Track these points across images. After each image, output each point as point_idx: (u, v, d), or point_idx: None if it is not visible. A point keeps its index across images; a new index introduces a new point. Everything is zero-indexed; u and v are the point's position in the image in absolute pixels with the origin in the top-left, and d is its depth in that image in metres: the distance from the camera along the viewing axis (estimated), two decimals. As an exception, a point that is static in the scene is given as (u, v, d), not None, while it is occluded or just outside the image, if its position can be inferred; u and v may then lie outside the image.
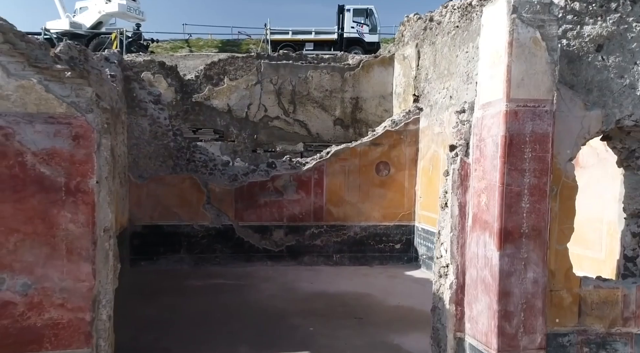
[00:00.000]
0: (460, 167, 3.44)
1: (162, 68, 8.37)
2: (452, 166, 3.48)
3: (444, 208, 3.61)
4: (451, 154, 3.51)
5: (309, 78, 8.90)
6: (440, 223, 3.66)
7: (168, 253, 7.39)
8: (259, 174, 7.60)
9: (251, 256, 7.61)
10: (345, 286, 6.75)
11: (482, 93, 3.35)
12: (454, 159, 3.47)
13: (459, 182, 3.43)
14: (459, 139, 3.46)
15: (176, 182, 7.35)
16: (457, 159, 3.44)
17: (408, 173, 7.89)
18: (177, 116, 8.47)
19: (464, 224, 3.44)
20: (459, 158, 3.44)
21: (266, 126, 8.84)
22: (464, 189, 3.44)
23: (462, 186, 3.43)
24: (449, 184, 3.48)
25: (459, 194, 3.44)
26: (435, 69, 7.39)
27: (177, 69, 8.51)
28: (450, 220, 3.46)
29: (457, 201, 3.43)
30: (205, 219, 7.46)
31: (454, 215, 3.44)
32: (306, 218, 7.69)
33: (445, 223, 3.53)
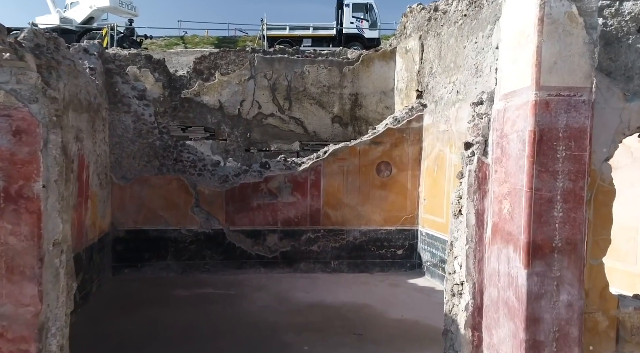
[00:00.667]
0: (477, 168, 2.93)
1: (149, 62, 7.86)
2: (467, 167, 2.97)
3: (458, 215, 3.10)
4: (466, 153, 3.00)
5: (305, 73, 8.39)
6: (453, 233, 3.15)
7: (153, 259, 6.88)
8: (252, 175, 7.10)
9: (243, 263, 7.11)
10: (343, 295, 6.25)
11: (503, 81, 2.85)
12: (469, 159, 2.96)
13: (476, 186, 2.92)
14: (475, 135, 2.96)
15: (162, 183, 6.85)
16: (474, 159, 2.94)
17: (411, 173, 7.39)
18: (165, 113, 7.96)
19: (481, 235, 2.93)
20: (475, 157, 2.93)
21: (260, 123, 8.34)
22: (481, 195, 2.93)
23: (479, 191, 2.93)
24: (464, 189, 2.98)
25: (476, 200, 2.93)
26: (441, 62, 6.89)
27: (165, 63, 8.00)
28: (465, 230, 2.95)
29: (473, 208, 2.93)
30: (194, 223, 6.95)
31: (470, 225, 2.93)
32: (302, 222, 7.19)
33: (460, 233, 3.03)
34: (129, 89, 6.69)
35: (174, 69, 9.41)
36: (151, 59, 7.90)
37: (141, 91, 6.78)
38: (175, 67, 10.34)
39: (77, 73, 5.13)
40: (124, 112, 6.68)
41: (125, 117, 6.68)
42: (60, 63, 4.70)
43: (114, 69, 6.62)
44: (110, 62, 6.63)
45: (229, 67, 8.13)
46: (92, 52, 6.23)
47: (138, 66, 7.80)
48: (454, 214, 3.13)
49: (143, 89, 6.82)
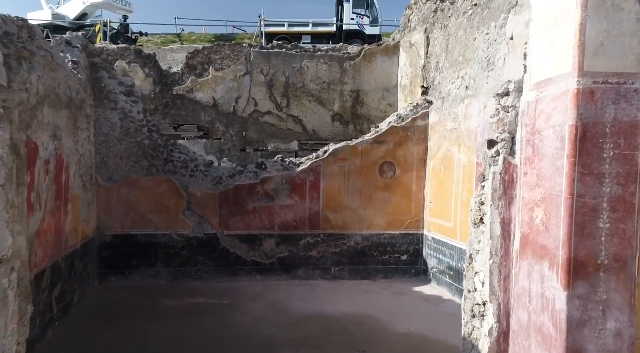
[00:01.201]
0: (503, 170, 2.51)
1: (139, 56, 7.43)
2: (491, 168, 2.55)
3: (479, 224, 2.68)
4: (489, 152, 2.58)
5: (304, 68, 7.97)
6: (473, 244, 2.73)
7: (142, 266, 6.46)
8: (247, 176, 6.67)
9: (238, 270, 6.69)
10: (344, 305, 5.83)
11: (535, 68, 2.43)
12: (493, 160, 2.54)
13: (502, 191, 2.50)
14: (500, 131, 2.54)
15: (151, 185, 6.43)
16: (499, 160, 2.52)
17: (416, 174, 6.97)
18: (156, 110, 7.54)
19: (508, 248, 2.51)
20: (500, 157, 2.51)
21: (256, 121, 7.91)
22: (507, 201, 2.52)
23: (505, 197, 2.51)
24: (487, 194, 2.56)
25: (501, 207, 2.51)
26: (448, 55, 6.47)
27: (155, 58, 7.57)
28: (488, 242, 2.53)
29: (498, 216, 2.51)
30: (185, 227, 6.53)
31: (495, 236, 2.51)
32: (300, 226, 6.77)
33: (482, 245, 2.61)
34: (116, 84, 6.27)
35: (168, 65, 8.97)
36: (141, 53, 7.48)
37: (129, 87, 6.36)
38: (170, 63, 9.91)
39: (55, 66, 4.70)
40: (111, 109, 6.25)
41: (112, 114, 6.26)
42: (34, 54, 4.28)
43: (100, 63, 6.19)
44: (96, 55, 6.21)
45: (223, 62, 7.70)
46: (75, 45, 5.81)
47: (127, 60, 7.37)
48: (473, 223, 2.71)
49: (131, 84, 6.39)
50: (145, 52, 7.53)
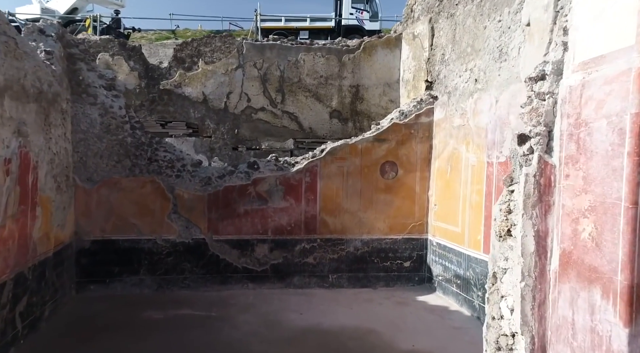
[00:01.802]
0: (538, 171, 2.04)
1: (123, 49, 6.93)
2: (522, 169, 2.08)
3: (505, 237, 2.21)
4: (520, 149, 2.11)
5: (300, 62, 7.48)
6: (498, 261, 2.26)
7: (124, 274, 5.97)
8: (238, 176, 6.19)
9: (228, 278, 6.20)
10: (343, 317, 5.35)
11: (581, 44, 1.95)
12: (525, 159, 2.07)
13: (536, 197, 2.03)
14: (534, 124, 2.07)
15: (134, 186, 5.94)
16: (532, 159, 2.05)
17: (419, 175, 6.50)
18: (142, 106, 7.05)
19: (544, 267, 2.04)
20: (535, 156, 2.04)
21: (249, 118, 7.43)
22: (543, 209, 2.04)
23: (540, 204, 2.04)
24: (517, 200, 2.08)
25: (536, 218, 2.04)
26: (455, 47, 5.99)
27: (141, 50, 7.08)
28: (519, 260, 2.05)
29: (532, 228, 2.03)
30: (171, 232, 6.05)
31: (527, 252, 2.04)
32: (296, 231, 6.30)
33: (510, 263, 2.13)
34: (96, 77, 5.78)
35: (160, 60, 8.50)
36: (125, 45, 6.98)
37: (110, 80, 5.87)
38: (162, 58, 9.43)
39: (20, 54, 4.22)
40: (90, 104, 5.77)
41: (91, 109, 5.77)
42: (-7, 39, 3.80)
43: (78, 54, 5.70)
44: (73, 46, 5.72)
45: (214, 55, 7.21)
46: (50, 34, 5.32)
47: (110, 53, 6.87)
48: (498, 235, 2.23)
49: (112, 77, 5.91)
50: (130, 44, 7.04)
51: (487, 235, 5.10)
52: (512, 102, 4.72)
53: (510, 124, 4.73)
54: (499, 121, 4.93)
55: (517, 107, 4.68)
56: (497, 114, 4.98)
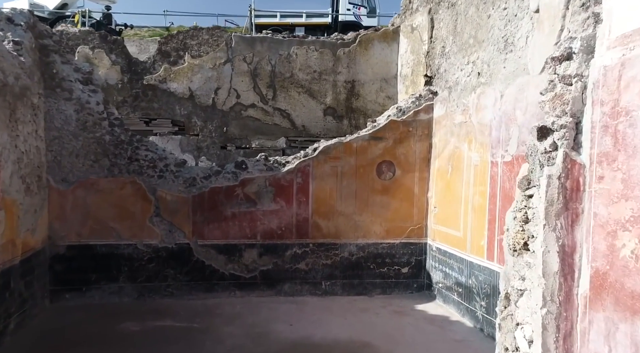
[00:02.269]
0: (564, 172, 1.66)
1: (104, 41, 6.54)
2: (543, 170, 1.70)
3: (521, 252, 1.83)
4: (540, 145, 1.73)
5: (292, 56, 7.09)
6: (512, 280, 1.87)
7: (102, 281, 5.58)
8: (225, 177, 5.80)
9: (214, 285, 5.82)
10: (337, 328, 4.97)
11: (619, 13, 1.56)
12: (547, 157, 1.69)
13: (561, 204, 1.65)
14: (558, 114, 1.69)
15: (113, 188, 5.55)
16: (556, 157, 1.67)
17: (418, 175, 6.11)
18: (125, 102, 6.66)
19: (570, 291, 1.66)
20: (559, 153, 1.66)
21: (239, 116, 7.04)
22: (570, 219, 1.66)
23: (567, 213, 1.66)
24: (538, 208, 1.70)
25: (560, 229, 1.66)
26: (456, 38, 5.61)
27: (123, 43, 6.69)
28: (540, 281, 1.67)
29: (555, 242, 1.65)
30: (153, 236, 5.66)
31: (550, 272, 1.66)
32: (286, 235, 5.91)
33: (528, 284, 1.75)
34: (71, 70, 5.39)
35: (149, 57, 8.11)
36: (107, 38, 6.59)
37: (86, 74, 5.48)
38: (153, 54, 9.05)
39: (-21, 42, 3.82)
40: (64, 99, 5.37)
41: (66, 105, 5.38)
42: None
43: (51, 46, 5.31)
44: (46, 37, 5.32)
45: (201, 48, 6.83)
46: (19, 23, 4.93)
47: (90, 45, 6.48)
48: (512, 249, 1.85)
49: (89, 71, 5.51)
50: (111, 37, 6.64)
51: (491, 240, 4.72)
52: (518, 96, 4.34)
53: (517, 120, 4.35)
54: (505, 117, 4.55)
55: (525, 102, 4.30)
56: (502, 110, 4.60)
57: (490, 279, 4.71)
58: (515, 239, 1.83)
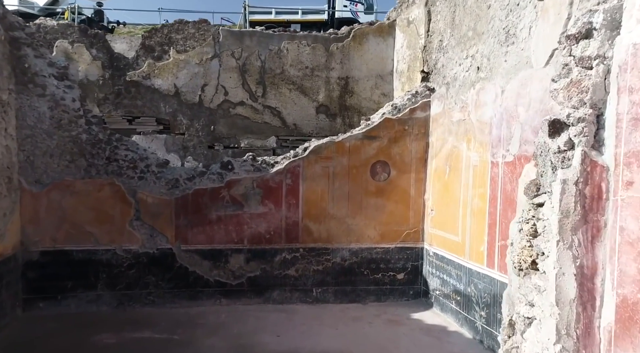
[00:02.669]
0: (583, 177, 1.34)
1: (84, 35, 6.22)
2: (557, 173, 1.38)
3: (528, 272, 1.51)
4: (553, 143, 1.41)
5: (283, 51, 6.77)
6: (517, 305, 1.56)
7: (79, 289, 5.26)
8: (210, 178, 5.49)
9: (198, 293, 5.50)
10: (327, 340, 4.65)
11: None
12: (562, 157, 1.38)
13: (579, 215, 1.33)
14: (574, 105, 1.38)
15: (91, 190, 5.24)
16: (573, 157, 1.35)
17: (415, 176, 5.80)
18: (106, 100, 6.34)
19: (590, 322, 1.34)
20: (577, 153, 1.35)
21: (227, 114, 6.72)
22: (590, 234, 1.35)
23: (585, 226, 1.33)
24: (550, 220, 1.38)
25: (578, 246, 1.35)
26: (454, 31, 5.29)
27: (105, 38, 6.36)
28: (552, 309, 1.35)
29: (572, 262, 1.34)
30: (133, 241, 5.34)
31: (565, 299, 1.34)
32: (275, 239, 5.60)
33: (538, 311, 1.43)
34: (45, 65, 5.07)
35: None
36: (87, 32, 6.26)
37: (62, 69, 5.16)
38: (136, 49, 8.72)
39: None
40: (37, 95, 5.05)
41: (39, 102, 5.06)
42: None
43: (23, 39, 4.99)
44: (18, 29, 5.00)
45: (186, 43, 6.50)
46: (-14, 13, 4.60)
47: (70, 39, 6.16)
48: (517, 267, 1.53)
49: (64, 65, 5.20)
50: (92, 31, 6.31)
51: (491, 246, 4.40)
52: (521, 91, 4.02)
53: (519, 118, 4.04)
54: (506, 114, 4.23)
55: (528, 97, 3.99)
56: (503, 106, 4.29)
57: (491, 288, 4.40)
58: (522, 256, 1.52)
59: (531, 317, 1.50)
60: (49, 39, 6.03)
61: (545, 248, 1.43)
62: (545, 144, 1.49)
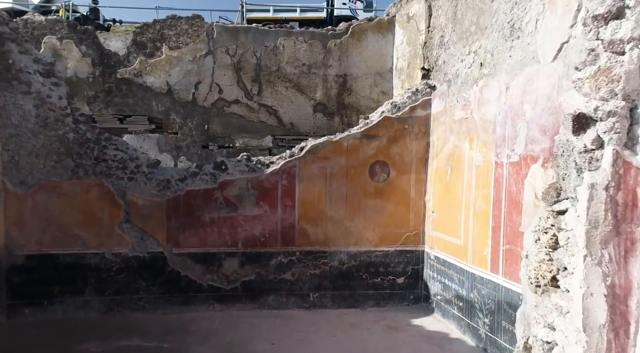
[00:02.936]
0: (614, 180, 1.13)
1: (74, 31, 6.02)
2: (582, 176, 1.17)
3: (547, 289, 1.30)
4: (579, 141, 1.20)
5: (279, 48, 6.57)
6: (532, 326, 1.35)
7: (66, 294, 5.06)
8: (203, 179, 5.29)
9: (191, 298, 5.30)
10: (323, 348, 4.46)
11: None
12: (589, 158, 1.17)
13: (610, 226, 1.13)
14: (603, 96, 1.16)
15: (78, 191, 5.04)
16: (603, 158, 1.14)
17: (415, 177, 5.61)
18: (96, 98, 6.14)
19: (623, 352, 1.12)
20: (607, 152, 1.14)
21: (221, 112, 6.52)
22: (623, 248, 1.14)
23: (618, 239, 1.13)
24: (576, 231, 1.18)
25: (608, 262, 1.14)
26: (456, 26, 5.09)
27: (95, 34, 6.16)
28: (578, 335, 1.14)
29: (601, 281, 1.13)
30: (123, 245, 5.15)
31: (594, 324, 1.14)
32: (270, 242, 5.40)
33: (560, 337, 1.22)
34: (30, 61, 4.87)
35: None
36: (76, 28, 6.06)
37: (48, 65, 4.96)
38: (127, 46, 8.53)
39: None
40: (22, 93, 4.85)
41: (24, 99, 4.86)
42: None
43: (7, 34, 4.79)
44: (1, 24, 4.80)
45: (179, 39, 6.30)
46: (-33, 7, 4.39)
47: (58, 35, 5.96)
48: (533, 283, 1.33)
49: (50, 62, 4.99)
50: (81, 27, 6.11)
51: (495, 250, 4.21)
52: (527, 88, 3.83)
53: (525, 116, 3.84)
54: (511, 112, 4.04)
55: (534, 94, 3.79)
56: (508, 104, 4.09)
57: (495, 294, 4.20)
58: (539, 270, 1.32)
59: (551, 342, 1.30)
60: (36, 34, 5.83)
61: (568, 263, 1.23)
62: (569, 142, 1.29)
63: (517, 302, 3.87)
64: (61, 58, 5.97)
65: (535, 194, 3.70)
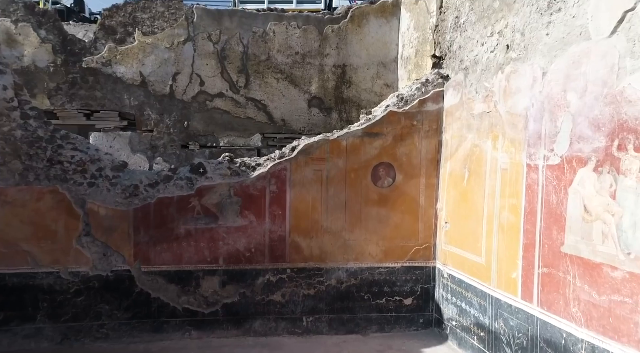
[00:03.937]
0: None
1: (31, 14, 5.23)
2: None
3: None
4: None
5: (269, 34, 5.80)
6: None
7: (13, 322, 4.29)
8: (177, 184, 4.52)
9: (163, 324, 4.53)
10: (317, 390, 3.69)
11: None
12: None
13: None
14: None
15: (27, 199, 4.27)
16: None
17: (425, 181, 4.84)
18: (59, 90, 5.36)
19: None
20: None
21: (203, 107, 5.75)
22: None
23: None
24: None
25: None
26: (475, 4, 4.32)
27: (56, 17, 5.39)
28: None
29: None
30: (82, 262, 4.38)
31: None
32: (257, 258, 4.64)
33: None
34: (-32, 45, 4.08)
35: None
36: (34, 9, 5.28)
37: (-10, 50, 4.17)
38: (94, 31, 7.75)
39: None
40: (-42, 82, 4.07)
41: (-39, 91, 4.08)
42: None
43: (-61, 11, 4.00)
44: None
45: (154, 23, 5.52)
46: None
47: (13, 18, 5.18)
48: None
49: (-7, 46, 4.21)
50: (40, 8, 5.33)
51: (527, 272, 3.44)
52: (572, 72, 3.06)
53: (570, 107, 3.08)
54: (549, 103, 3.27)
55: (583, 79, 3.00)
56: (544, 93, 3.32)
57: (528, 326, 3.43)
58: None
59: None
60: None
61: None
62: None
63: (559, 340, 3.10)
64: (16, 44, 5.19)
65: (585, 206, 2.93)
